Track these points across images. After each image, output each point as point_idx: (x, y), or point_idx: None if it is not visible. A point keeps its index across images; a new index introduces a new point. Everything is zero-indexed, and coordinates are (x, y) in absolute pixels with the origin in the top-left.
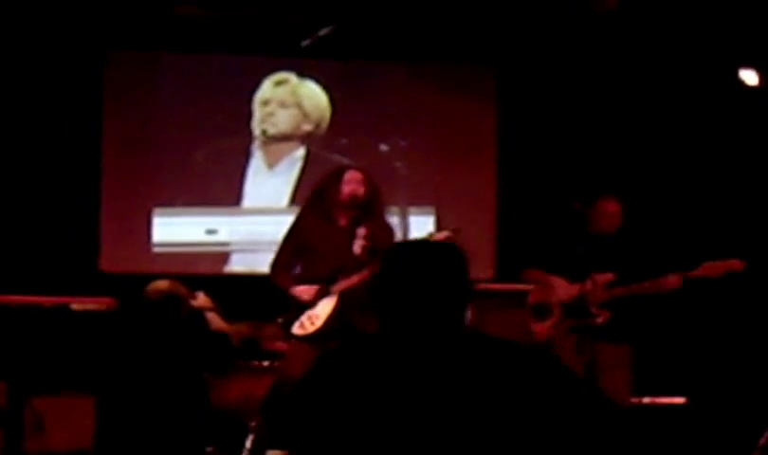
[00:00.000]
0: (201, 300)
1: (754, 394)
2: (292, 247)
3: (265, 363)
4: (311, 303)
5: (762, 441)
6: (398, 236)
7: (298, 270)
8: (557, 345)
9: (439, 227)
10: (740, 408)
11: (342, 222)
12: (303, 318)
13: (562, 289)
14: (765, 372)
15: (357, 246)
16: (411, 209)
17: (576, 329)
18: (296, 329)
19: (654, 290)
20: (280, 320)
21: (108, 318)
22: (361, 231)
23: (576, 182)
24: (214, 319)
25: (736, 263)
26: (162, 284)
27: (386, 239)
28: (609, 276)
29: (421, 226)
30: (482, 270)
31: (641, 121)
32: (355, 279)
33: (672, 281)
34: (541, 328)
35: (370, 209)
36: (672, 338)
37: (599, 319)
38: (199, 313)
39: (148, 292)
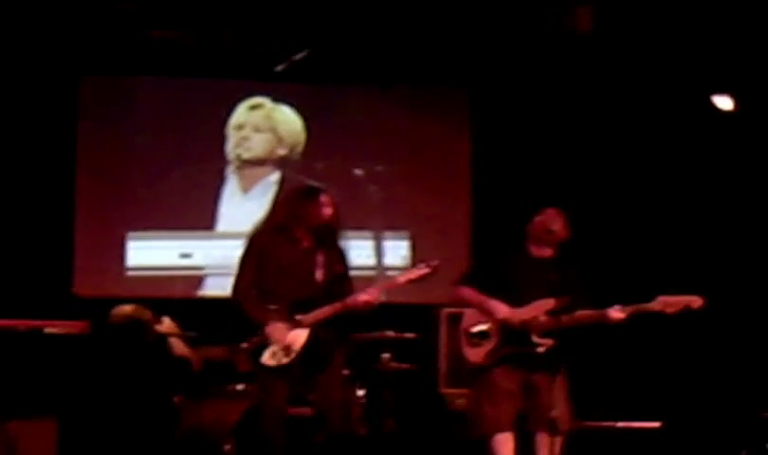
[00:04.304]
0: (166, 324)
1: (728, 416)
2: (255, 268)
3: (239, 387)
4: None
5: None
6: (350, 258)
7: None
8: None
9: (414, 251)
10: (714, 430)
11: (305, 243)
12: (275, 347)
13: (502, 313)
14: (741, 392)
15: (320, 274)
16: (386, 234)
17: (511, 357)
18: (267, 359)
19: (598, 320)
20: (245, 346)
21: (81, 342)
22: (320, 259)
23: (552, 205)
24: (177, 345)
25: (695, 301)
26: (126, 309)
27: (340, 264)
28: (551, 303)
29: (396, 250)
30: None
31: (616, 144)
32: (327, 311)
33: (617, 315)
34: (476, 354)
35: (330, 235)
36: (642, 361)
37: (541, 349)
38: (163, 338)
39: (112, 316)
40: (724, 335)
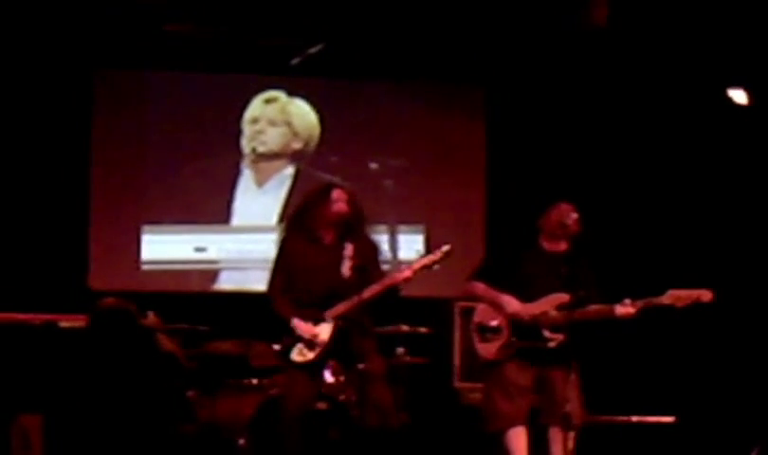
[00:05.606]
0: (151, 320)
1: (742, 412)
2: (284, 269)
3: (254, 381)
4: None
5: None
6: (385, 250)
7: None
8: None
9: (428, 245)
10: (728, 425)
11: (328, 240)
12: (302, 344)
13: (512, 308)
14: (754, 387)
15: (346, 268)
16: (401, 228)
17: (523, 352)
18: (295, 356)
19: (608, 315)
20: (277, 347)
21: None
22: (348, 251)
23: (566, 200)
24: (164, 340)
25: (705, 294)
26: (110, 300)
27: (371, 254)
28: (564, 297)
29: (410, 244)
30: None
31: (631, 140)
32: (349, 303)
33: (627, 311)
34: (488, 349)
35: (354, 227)
36: (656, 356)
37: (552, 344)
38: (149, 332)
39: (96, 307)
40: (739, 329)
